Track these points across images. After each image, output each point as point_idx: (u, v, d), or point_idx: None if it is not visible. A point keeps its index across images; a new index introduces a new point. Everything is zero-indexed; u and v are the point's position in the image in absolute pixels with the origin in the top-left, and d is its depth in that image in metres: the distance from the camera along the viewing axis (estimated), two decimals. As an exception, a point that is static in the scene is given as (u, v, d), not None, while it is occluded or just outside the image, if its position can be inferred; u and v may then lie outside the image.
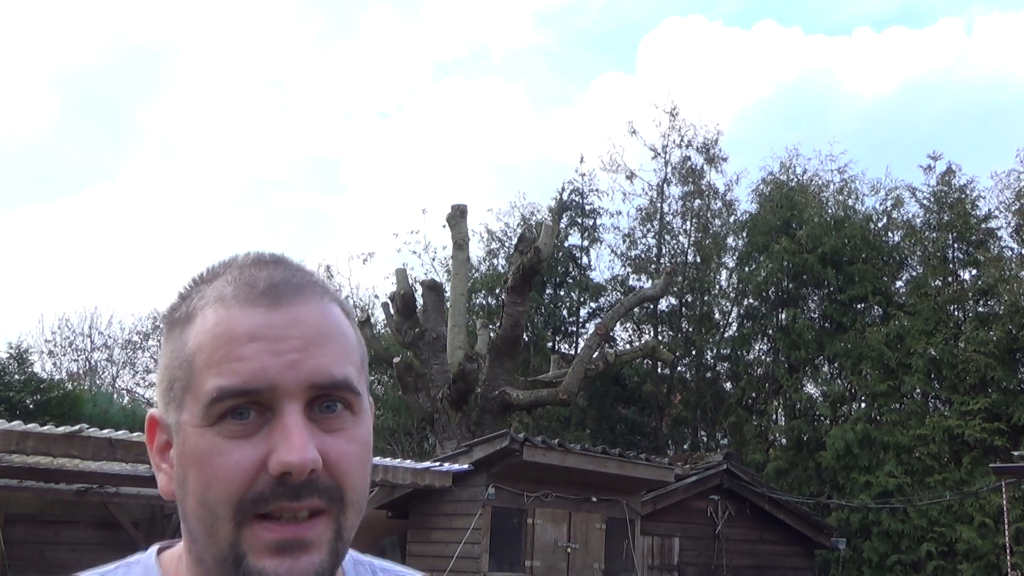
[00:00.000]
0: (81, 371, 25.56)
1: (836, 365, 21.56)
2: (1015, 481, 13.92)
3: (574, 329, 25.49)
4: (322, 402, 0.82)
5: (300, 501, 0.78)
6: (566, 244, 25.24)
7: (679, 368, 24.02)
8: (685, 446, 23.19)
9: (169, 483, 0.85)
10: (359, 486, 0.83)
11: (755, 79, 39.46)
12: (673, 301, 24.29)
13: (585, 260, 25.57)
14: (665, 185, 25.23)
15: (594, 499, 11.54)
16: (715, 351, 24.00)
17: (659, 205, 25.15)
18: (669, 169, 25.18)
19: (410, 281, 17.33)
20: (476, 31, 44.50)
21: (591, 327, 22.38)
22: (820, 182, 23.39)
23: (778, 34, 42.23)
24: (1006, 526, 13.56)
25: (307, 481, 0.78)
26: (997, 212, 20.79)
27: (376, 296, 26.13)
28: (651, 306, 23.57)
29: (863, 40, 41.32)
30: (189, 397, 0.82)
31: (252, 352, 0.80)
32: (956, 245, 20.65)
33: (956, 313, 20.21)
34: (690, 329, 24.19)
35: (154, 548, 0.92)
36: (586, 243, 25.67)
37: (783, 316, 22.23)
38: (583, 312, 25.48)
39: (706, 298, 24.43)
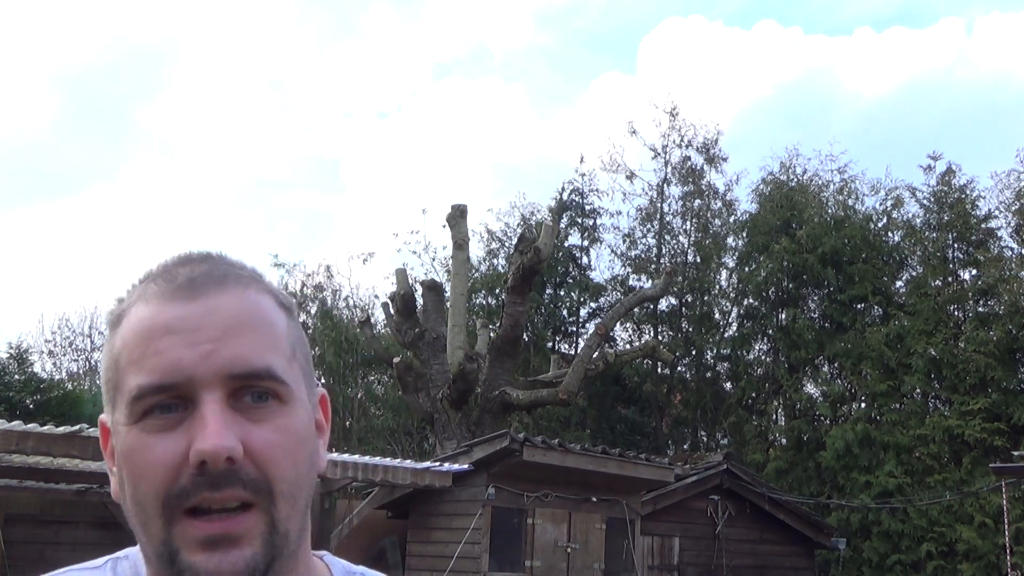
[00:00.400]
0: (81, 371, 25.55)
1: (836, 365, 21.57)
2: (1015, 481, 13.93)
3: (574, 329, 25.50)
4: (248, 392, 0.80)
5: (220, 491, 0.77)
6: (566, 244, 25.24)
7: (679, 368, 24.02)
8: (685, 446, 23.19)
9: (117, 487, 0.84)
10: (289, 477, 0.81)
11: (755, 79, 39.47)
12: (673, 301, 24.30)
13: (585, 260, 25.60)
14: (665, 185, 25.25)
15: (594, 499, 11.54)
16: (715, 351, 24.01)
17: (659, 205, 25.16)
18: (669, 169, 25.20)
19: (410, 281, 17.32)
20: (476, 31, 44.51)
21: (591, 327, 22.39)
22: (820, 182, 23.42)
23: (778, 34, 42.24)
24: (1006, 526, 13.56)
25: (227, 471, 0.77)
26: (997, 212, 20.82)
27: (376, 296, 26.09)
28: (651, 306, 23.57)
29: (863, 40, 41.34)
30: (119, 397, 0.82)
31: (167, 346, 0.80)
32: (956, 245, 20.65)
33: (956, 313, 20.22)
34: (690, 329, 24.20)
35: None
36: (586, 243, 25.69)
37: (783, 316, 22.23)
38: (583, 312, 25.50)
39: (706, 298, 24.43)
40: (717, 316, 24.51)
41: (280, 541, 0.80)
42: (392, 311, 16.48)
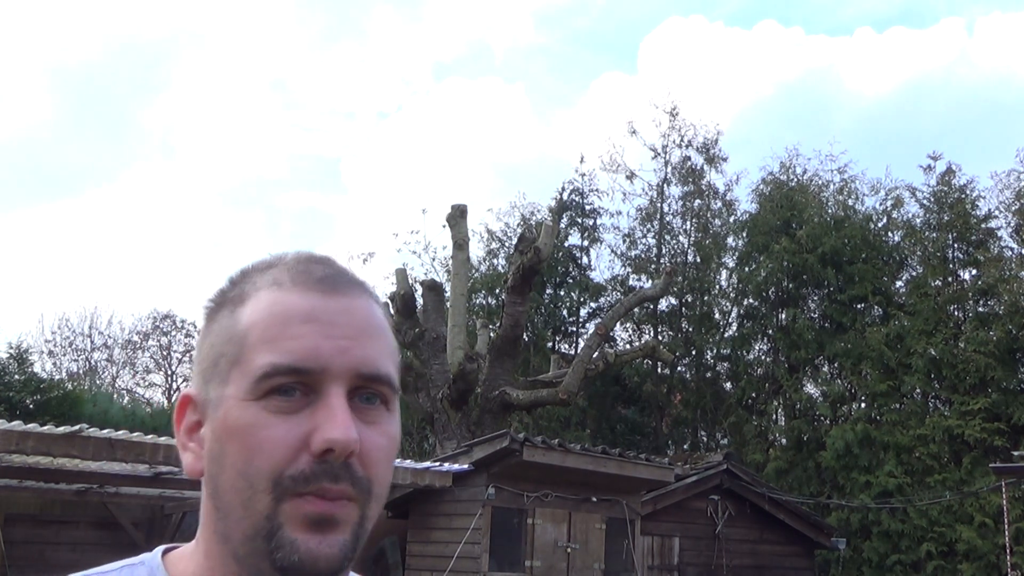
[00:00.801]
0: (81, 371, 25.57)
1: (836, 365, 21.56)
2: (1015, 481, 13.92)
3: (574, 329, 25.50)
4: (362, 393, 0.84)
5: (338, 484, 0.80)
6: (566, 244, 25.24)
7: (679, 368, 24.02)
8: (685, 446, 23.18)
9: (196, 461, 0.85)
10: (385, 480, 0.85)
11: (756, 79, 39.51)
12: (673, 301, 24.29)
13: (585, 260, 25.61)
14: (665, 185, 25.26)
15: (594, 499, 11.54)
16: (715, 351, 24.00)
17: (659, 205, 25.16)
18: (669, 169, 25.21)
19: (410, 281, 17.33)
20: (477, 31, 44.55)
21: (591, 327, 22.39)
22: (820, 182, 23.41)
23: (779, 34, 42.30)
24: (1006, 526, 13.56)
25: (345, 464, 0.80)
26: (997, 212, 20.83)
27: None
28: (651, 306, 23.57)
29: (864, 40, 41.36)
30: (237, 372, 0.83)
31: (306, 332, 0.83)
32: (956, 245, 20.65)
33: (956, 313, 20.21)
34: (690, 329, 24.19)
35: (159, 549, 0.92)
36: (586, 243, 25.70)
37: (783, 316, 22.22)
38: (583, 312, 25.50)
39: (706, 298, 24.43)
40: (717, 316, 24.50)
41: (362, 537, 0.83)
42: (392, 311, 16.47)
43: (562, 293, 25.32)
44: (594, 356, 15.79)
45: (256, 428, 0.80)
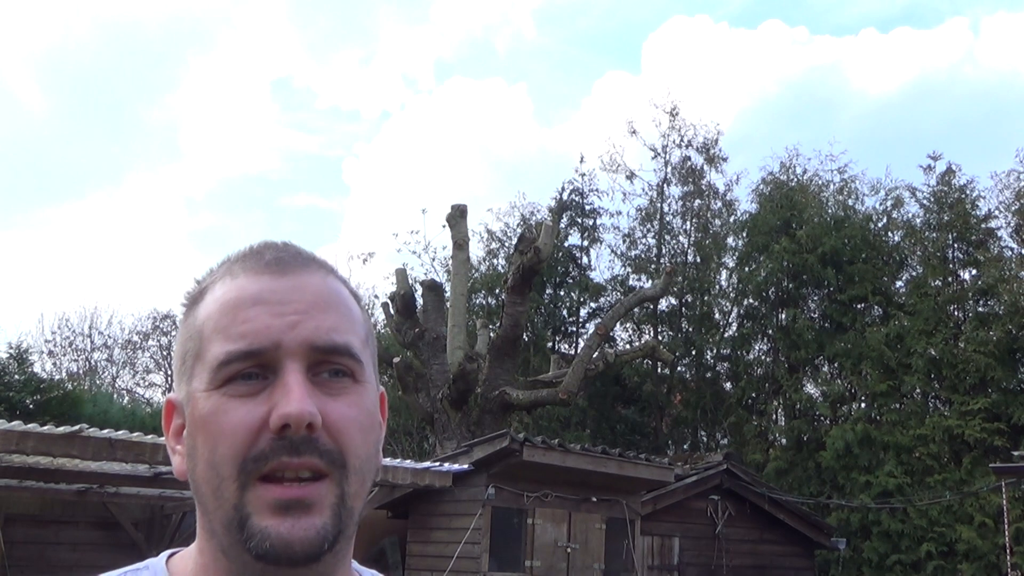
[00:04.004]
0: (81, 371, 25.56)
1: (836, 365, 21.56)
2: (1015, 481, 13.92)
3: (574, 329, 25.50)
4: (325, 367, 0.83)
5: (299, 457, 0.79)
6: (566, 244, 25.24)
7: (679, 368, 24.02)
8: (685, 446, 23.19)
9: (183, 463, 0.86)
10: (361, 452, 0.83)
11: (761, 79, 39.45)
12: (673, 301, 24.30)
13: (585, 260, 25.60)
14: (665, 185, 25.26)
15: (594, 499, 11.54)
16: (715, 351, 24.01)
17: (659, 205, 25.16)
18: (669, 169, 25.21)
19: (410, 281, 17.33)
20: (480, 31, 44.56)
21: (591, 327, 22.39)
22: (820, 182, 23.43)
23: (784, 34, 42.23)
24: (1006, 526, 13.56)
25: (307, 438, 0.79)
26: (997, 212, 20.84)
27: (376, 296, 26.11)
28: (651, 306, 23.57)
29: (869, 40, 41.29)
30: (199, 365, 0.84)
31: (255, 314, 0.83)
32: (956, 245, 20.66)
33: (956, 313, 20.22)
34: (690, 329, 24.19)
35: (164, 554, 0.92)
36: (586, 243, 25.69)
37: (783, 316, 22.23)
38: (583, 312, 25.50)
39: (706, 298, 24.43)
40: (717, 316, 24.51)
41: (346, 516, 0.82)
42: (392, 311, 16.47)
43: (562, 293, 25.33)
44: (594, 356, 15.78)
45: (218, 415, 0.80)
